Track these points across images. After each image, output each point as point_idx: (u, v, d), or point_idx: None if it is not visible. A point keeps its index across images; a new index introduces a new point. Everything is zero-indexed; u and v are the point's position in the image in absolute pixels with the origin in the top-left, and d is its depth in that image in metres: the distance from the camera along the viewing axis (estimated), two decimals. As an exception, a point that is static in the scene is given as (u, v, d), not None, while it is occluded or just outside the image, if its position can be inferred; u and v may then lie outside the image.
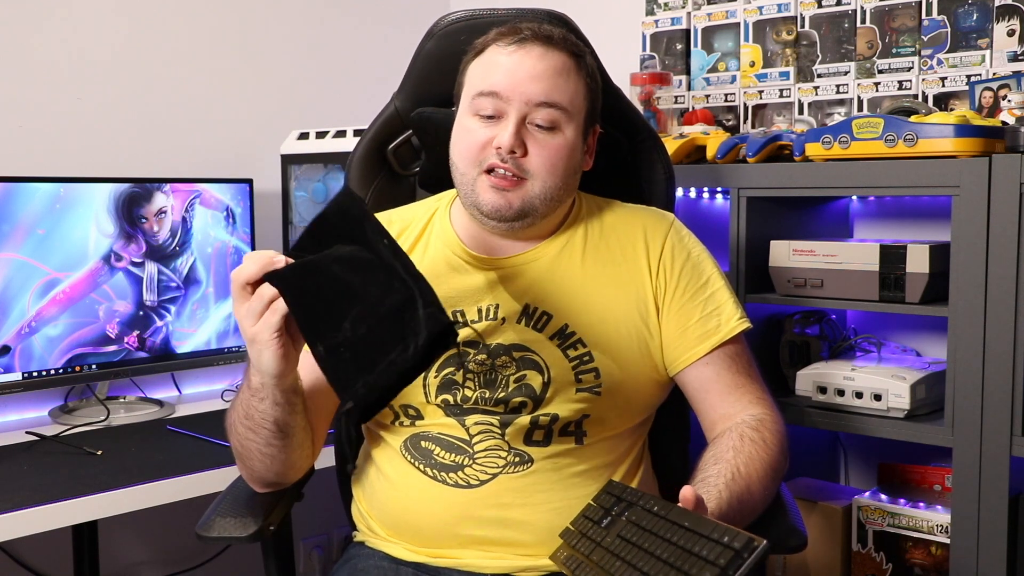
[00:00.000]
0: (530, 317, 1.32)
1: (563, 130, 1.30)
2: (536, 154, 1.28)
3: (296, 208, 2.35)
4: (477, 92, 1.29)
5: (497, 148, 1.27)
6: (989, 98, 1.87)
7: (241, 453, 1.27)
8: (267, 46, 2.48)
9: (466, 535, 1.30)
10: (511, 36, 1.30)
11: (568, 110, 1.30)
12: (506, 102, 1.27)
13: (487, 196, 1.28)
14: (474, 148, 1.29)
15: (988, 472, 1.62)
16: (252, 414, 1.20)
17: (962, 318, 1.63)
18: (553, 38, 1.31)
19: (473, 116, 1.30)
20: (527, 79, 1.27)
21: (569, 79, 1.30)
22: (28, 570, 2.09)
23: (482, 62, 1.31)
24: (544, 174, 1.29)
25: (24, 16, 2.10)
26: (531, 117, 1.28)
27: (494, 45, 1.31)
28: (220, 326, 2.23)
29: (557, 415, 1.28)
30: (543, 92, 1.27)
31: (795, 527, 1.23)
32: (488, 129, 1.28)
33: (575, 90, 1.31)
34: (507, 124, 1.27)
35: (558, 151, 1.29)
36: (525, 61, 1.28)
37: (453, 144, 1.33)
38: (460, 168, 1.31)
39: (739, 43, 2.24)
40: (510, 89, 1.27)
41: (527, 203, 1.29)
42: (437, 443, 1.31)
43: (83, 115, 2.19)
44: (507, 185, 1.28)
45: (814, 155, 1.80)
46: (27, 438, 1.85)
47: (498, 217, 1.29)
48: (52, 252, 1.96)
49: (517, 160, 1.27)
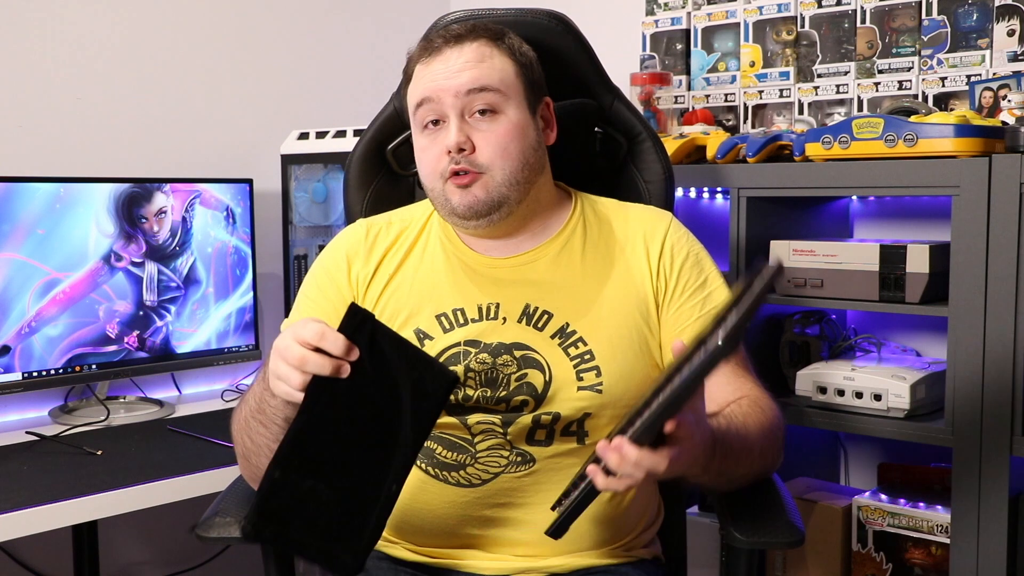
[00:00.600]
0: (531, 316, 1.32)
1: (504, 112, 1.31)
2: (484, 145, 1.29)
3: (296, 208, 2.36)
4: (415, 107, 1.33)
5: (448, 152, 1.29)
6: (989, 98, 1.87)
7: (250, 448, 1.26)
8: (267, 46, 2.48)
9: (467, 534, 1.31)
10: (426, 49, 1.33)
11: (501, 90, 1.30)
12: (439, 103, 1.29)
13: (456, 199, 1.30)
14: (432, 162, 1.31)
15: (988, 472, 1.62)
16: (265, 408, 1.19)
17: (962, 318, 1.63)
18: (462, 34, 1.33)
19: (420, 133, 1.33)
20: (450, 75, 1.29)
21: (493, 61, 1.31)
22: (28, 570, 2.09)
23: (413, 82, 1.34)
24: (499, 161, 1.30)
25: (24, 16, 2.10)
26: (468, 108, 1.29)
27: (417, 65, 1.34)
28: (220, 326, 2.23)
29: (559, 414, 1.28)
30: (469, 80, 1.29)
31: (792, 523, 1.23)
32: (436, 140, 1.31)
33: (502, 68, 1.32)
34: (449, 125, 1.29)
35: (506, 134, 1.30)
36: (445, 62, 1.31)
37: (418, 168, 1.36)
38: (428, 185, 1.34)
39: (739, 43, 2.24)
40: (438, 89, 1.29)
41: (493, 192, 1.30)
42: (439, 442, 1.31)
43: (83, 115, 2.19)
44: (467, 181, 1.29)
45: (814, 155, 1.80)
46: (27, 438, 1.86)
47: (473, 214, 1.30)
48: (52, 252, 1.96)
49: (469, 158, 1.29)
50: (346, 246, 1.40)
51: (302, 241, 2.36)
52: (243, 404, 1.27)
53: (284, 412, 1.17)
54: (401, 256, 1.38)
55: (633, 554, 1.36)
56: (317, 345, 1.03)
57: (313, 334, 1.03)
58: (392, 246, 1.39)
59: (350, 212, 1.58)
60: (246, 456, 1.28)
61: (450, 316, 1.32)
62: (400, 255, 1.38)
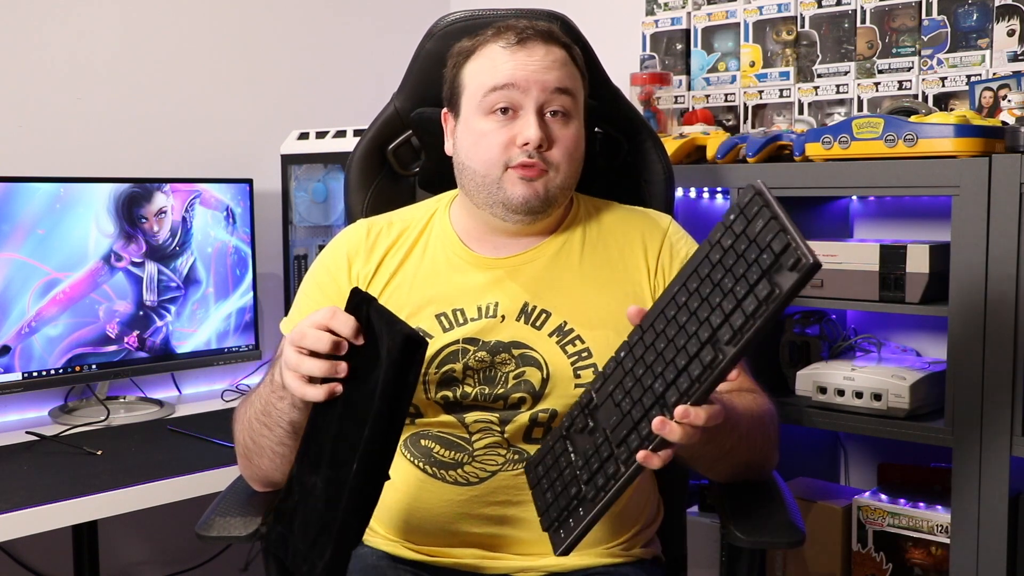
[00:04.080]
0: (529, 315, 1.32)
1: (575, 118, 1.33)
2: (558, 145, 1.30)
3: (296, 208, 2.35)
4: (488, 88, 1.29)
5: (524, 145, 1.28)
6: (989, 98, 1.87)
7: (252, 449, 1.26)
8: (267, 46, 2.48)
9: (465, 533, 1.31)
10: (511, 32, 1.31)
11: (576, 98, 1.33)
12: (523, 92, 1.28)
13: (517, 190, 1.29)
14: (496, 149, 1.29)
15: (988, 472, 1.62)
16: (270, 411, 1.19)
17: (962, 318, 1.63)
18: (552, 33, 1.33)
19: (485, 116, 1.30)
20: (541, 69, 1.29)
21: (571, 70, 1.33)
22: (28, 570, 2.09)
23: (484, 60, 1.31)
24: (565, 165, 1.31)
25: (24, 16, 2.10)
26: (548, 106, 1.29)
27: (492, 44, 1.31)
28: (220, 326, 2.23)
29: (556, 411, 1.29)
30: (557, 79, 1.30)
31: (793, 523, 1.23)
32: (505, 127, 1.29)
33: (577, 81, 1.34)
34: (528, 117, 1.28)
35: (575, 140, 1.32)
36: (534, 53, 1.30)
37: (467, 150, 1.33)
38: (480, 171, 1.31)
39: (739, 43, 2.24)
40: (525, 79, 1.28)
41: (551, 191, 1.31)
42: (437, 441, 1.31)
43: (83, 115, 2.19)
44: (535, 174, 1.29)
45: (814, 155, 1.80)
46: (27, 438, 1.86)
47: (526, 209, 1.31)
48: (52, 252, 1.96)
49: (542, 154, 1.29)
50: (347, 245, 1.40)
51: (302, 241, 2.36)
52: (247, 405, 1.27)
53: (290, 415, 1.17)
54: (402, 256, 1.38)
55: (632, 553, 1.36)
56: (327, 325, 1.07)
57: (324, 315, 1.07)
58: (393, 246, 1.39)
59: (350, 212, 1.58)
60: (247, 456, 1.28)
61: (450, 316, 1.32)
62: (401, 255, 1.38)
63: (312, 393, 1.08)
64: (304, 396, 1.09)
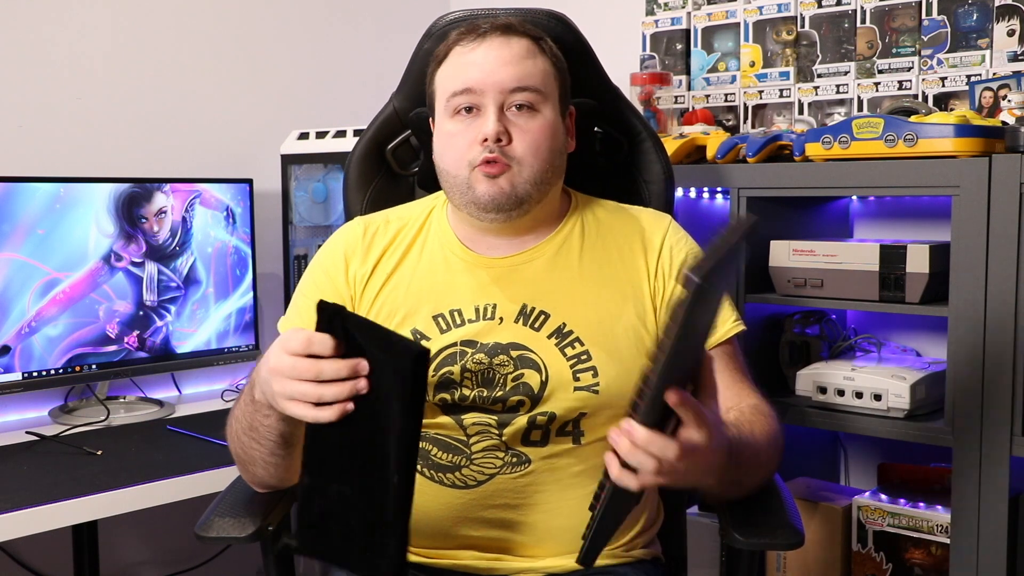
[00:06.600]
0: (527, 316, 1.32)
1: (541, 111, 1.31)
2: (520, 139, 1.29)
3: (296, 208, 2.36)
4: (451, 93, 1.31)
5: (483, 141, 1.28)
6: (989, 98, 1.87)
7: (244, 459, 1.26)
8: (267, 46, 2.48)
9: (464, 536, 1.30)
10: (471, 34, 1.31)
11: (542, 91, 1.31)
12: (481, 94, 1.28)
13: (482, 188, 1.29)
14: (461, 149, 1.30)
15: (988, 472, 1.61)
16: (256, 427, 1.18)
17: (962, 318, 1.63)
18: (512, 26, 1.32)
19: (451, 118, 1.31)
20: (497, 67, 1.29)
21: (536, 61, 1.31)
22: (28, 570, 2.09)
23: (449, 65, 1.33)
24: (530, 158, 1.29)
25: (24, 16, 2.10)
26: (508, 103, 1.29)
27: (456, 47, 1.32)
28: (220, 326, 2.23)
29: (554, 414, 1.28)
30: (515, 77, 1.29)
31: (792, 524, 1.23)
32: (470, 128, 1.29)
33: (544, 71, 1.32)
34: (487, 115, 1.28)
35: (540, 132, 1.30)
36: (490, 52, 1.29)
37: (439, 153, 1.34)
38: (451, 172, 1.32)
39: (739, 43, 2.24)
40: (482, 81, 1.28)
41: (519, 187, 1.29)
42: (435, 443, 1.31)
43: (83, 115, 2.19)
44: (496, 171, 1.28)
45: (814, 155, 1.80)
46: (27, 438, 1.86)
47: (496, 207, 1.30)
48: (52, 252, 1.96)
49: (503, 148, 1.28)
50: (344, 244, 1.39)
51: (302, 241, 2.36)
52: (232, 420, 1.25)
53: (279, 429, 1.16)
54: (399, 255, 1.38)
55: (633, 554, 1.36)
56: (307, 352, 1.02)
57: (300, 344, 1.02)
58: (390, 245, 1.38)
59: (350, 212, 1.58)
60: (242, 464, 1.28)
61: (447, 317, 1.32)
62: (398, 254, 1.38)
63: (325, 416, 1.03)
64: (317, 420, 1.04)
